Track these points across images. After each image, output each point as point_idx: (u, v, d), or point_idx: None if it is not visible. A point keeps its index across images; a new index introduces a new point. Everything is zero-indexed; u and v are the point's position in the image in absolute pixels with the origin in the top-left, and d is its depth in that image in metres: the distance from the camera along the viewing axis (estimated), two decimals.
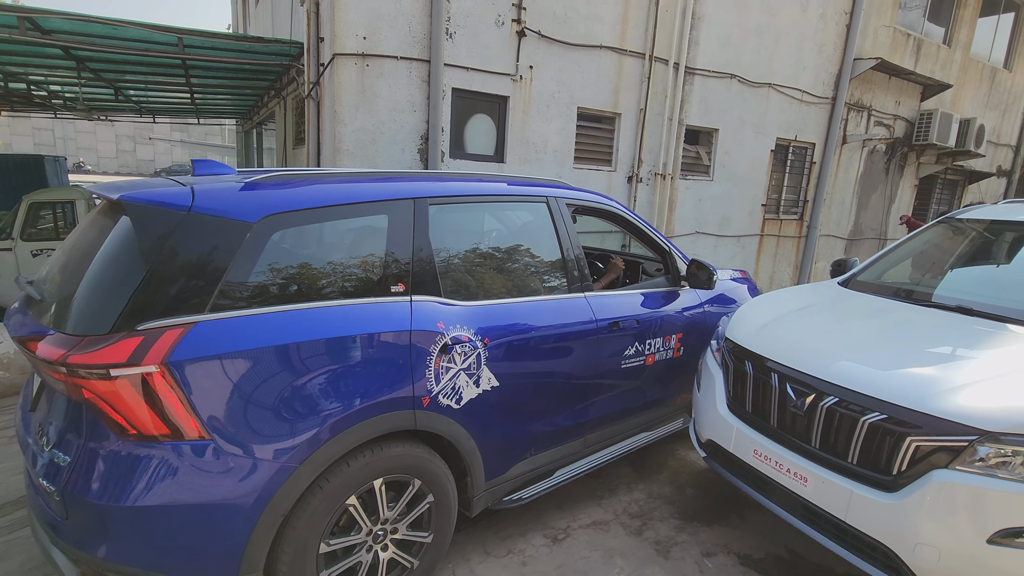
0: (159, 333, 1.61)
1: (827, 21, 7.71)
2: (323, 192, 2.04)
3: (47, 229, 7.28)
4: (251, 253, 1.79)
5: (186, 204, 1.75)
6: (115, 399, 1.57)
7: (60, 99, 10.60)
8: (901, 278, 3.24)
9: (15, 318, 1.96)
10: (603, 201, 3.07)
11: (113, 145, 40.55)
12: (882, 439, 1.98)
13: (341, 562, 2.00)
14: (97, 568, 1.65)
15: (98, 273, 1.72)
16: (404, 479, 2.11)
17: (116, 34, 5.32)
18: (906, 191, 9.93)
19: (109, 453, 1.61)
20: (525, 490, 2.58)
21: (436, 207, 2.29)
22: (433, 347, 2.11)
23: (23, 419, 2.02)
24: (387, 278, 2.10)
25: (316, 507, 1.86)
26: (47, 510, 1.73)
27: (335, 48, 4.69)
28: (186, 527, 1.65)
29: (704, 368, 2.89)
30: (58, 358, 1.56)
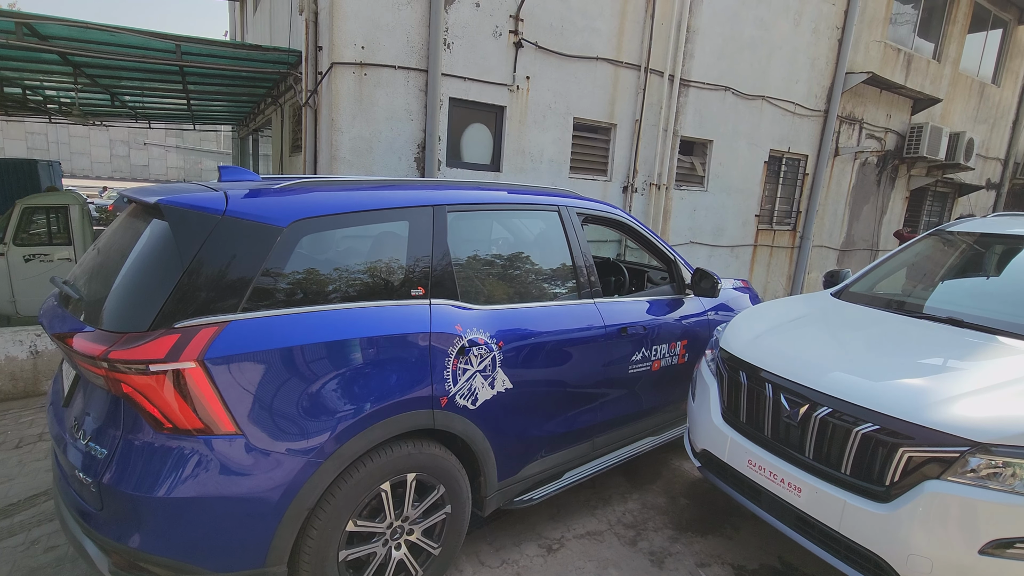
0: (195, 331, 1.68)
1: (819, 36, 7.82)
2: (348, 198, 2.13)
3: (40, 234, 7.24)
4: (281, 255, 1.87)
5: (221, 208, 1.83)
6: (153, 393, 1.64)
7: (55, 104, 10.57)
8: (893, 289, 3.28)
9: (52, 315, 2.00)
10: (611, 210, 3.16)
11: (107, 150, 40.38)
12: (875, 450, 1.99)
13: (359, 552, 2.03)
14: (129, 558, 1.69)
15: (137, 273, 1.81)
16: (421, 477, 2.16)
17: (114, 40, 5.32)
18: (897, 203, 10.04)
19: (145, 446, 1.67)
20: (536, 491, 2.63)
21: (454, 214, 2.38)
22: (451, 349, 2.19)
23: (55, 415, 2.05)
24: (407, 282, 2.18)
25: (338, 502, 1.91)
26: (80, 501, 1.77)
27: (333, 57, 4.72)
28: (216, 519, 1.70)
29: (699, 378, 2.90)
30: (99, 354, 1.62)
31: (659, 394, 3.22)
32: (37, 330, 4.36)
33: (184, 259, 1.73)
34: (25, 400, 4.22)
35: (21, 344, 4.27)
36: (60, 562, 2.44)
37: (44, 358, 4.34)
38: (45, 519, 2.75)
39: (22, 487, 3.04)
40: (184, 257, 1.73)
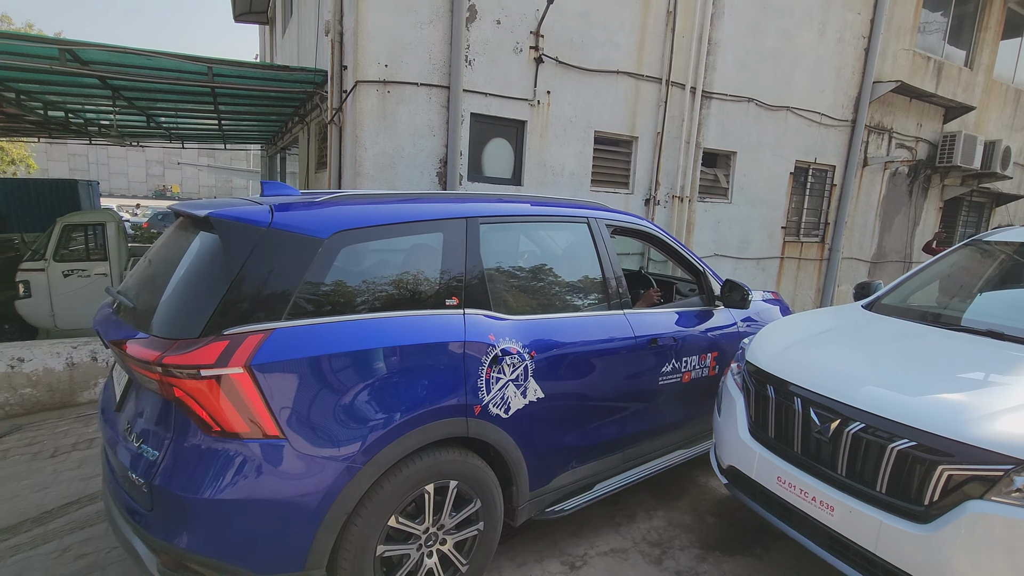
0: (242, 338, 1.74)
1: (845, 45, 7.72)
2: (386, 211, 2.20)
3: (78, 250, 7.52)
4: (322, 266, 1.94)
5: (266, 221, 1.91)
6: (203, 397, 1.70)
7: (95, 126, 11.03)
8: (928, 301, 3.17)
9: (107, 323, 2.09)
10: (640, 222, 3.18)
11: (143, 170, 41.95)
12: (912, 467, 1.90)
13: (395, 551, 2.06)
14: (176, 557, 1.75)
15: (188, 282, 1.90)
16: (455, 486, 2.18)
17: (150, 64, 5.55)
18: (931, 213, 9.76)
19: (194, 448, 1.73)
20: (567, 502, 2.63)
21: (487, 226, 2.42)
22: (484, 358, 2.22)
23: (107, 419, 2.14)
24: (442, 292, 2.23)
25: (375, 507, 1.95)
26: (131, 502, 1.84)
27: (358, 75, 4.83)
28: (259, 521, 1.75)
29: (724, 391, 2.83)
30: (154, 359, 1.69)
31: (689, 406, 3.18)
32: (74, 343, 4.51)
33: (232, 269, 1.80)
34: (61, 411, 4.35)
35: (58, 356, 4.41)
36: (90, 569, 2.49)
37: (80, 370, 4.48)
38: (77, 527, 2.81)
39: (56, 495, 3.12)
40: (232, 267, 1.81)
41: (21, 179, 15.33)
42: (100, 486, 3.21)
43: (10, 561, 2.55)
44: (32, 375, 4.32)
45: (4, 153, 17.45)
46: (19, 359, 4.27)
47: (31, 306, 7.24)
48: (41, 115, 8.82)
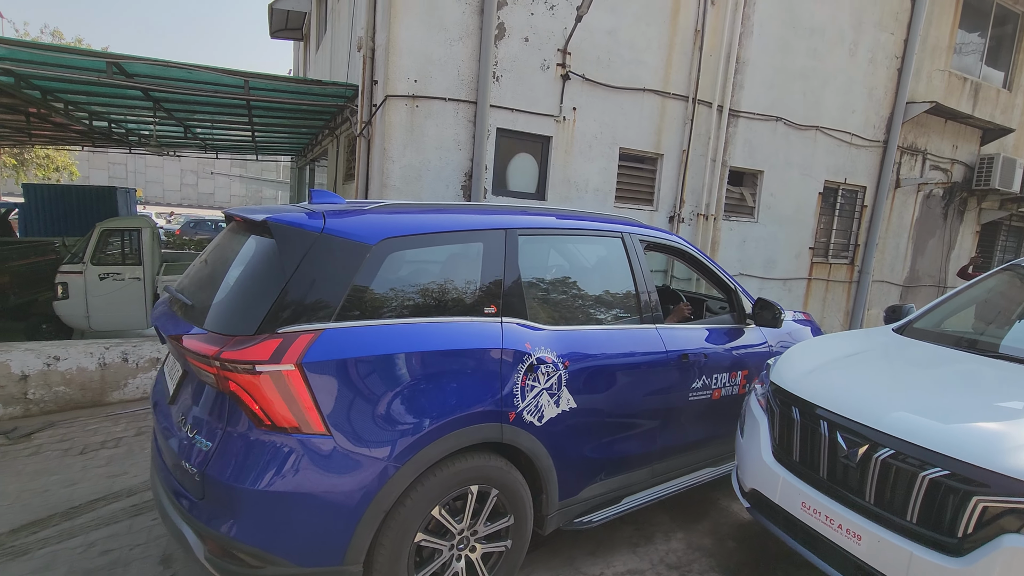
0: (294, 336, 1.82)
1: (877, 65, 7.61)
2: (430, 220, 2.29)
3: (115, 255, 7.79)
4: (370, 271, 2.02)
5: (319, 226, 1.99)
6: (256, 392, 1.77)
7: (136, 136, 11.48)
8: (963, 327, 3.07)
9: (165, 319, 2.20)
10: (673, 239, 3.21)
11: (178, 179, 43.34)
12: (944, 497, 1.84)
13: (429, 562, 2.12)
14: (223, 544, 1.81)
15: (245, 282, 2.02)
16: (491, 492, 2.22)
17: (190, 77, 5.77)
18: (967, 237, 9.48)
19: (245, 440, 1.80)
20: (595, 514, 2.63)
21: (524, 238, 2.48)
22: (520, 366, 2.26)
23: (160, 411, 2.24)
24: (481, 300, 2.29)
25: (413, 507, 1.99)
26: (182, 490, 1.93)
27: (388, 90, 4.94)
28: (302, 514, 1.81)
29: (748, 412, 2.78)
30: (212, 353, 1.78)
31: (718, 423, 3.16)
32: (107, 343, 4.65)
33: (286, 271, 1.89)
34: (91, 409, 4.48)
35: (91, 356, 4.55)
36: (113, 566, 2.54)
37: (111, 370, 4.61)
38: (103, 523, 2.87)
39: (84, 492, 3.20)
40: (286, 269, 1.89)
41: (64, 185, 16.00)
42: (126, 484, 3.29)
43: (38, 554, 2.61)
44: (66, 373, 4.46)
45: (50, 161, 18.24)
46: (55, 357, 4.42)
47: (68, 307, 7.50)
48: (86, 125, 9.22)
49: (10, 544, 2.69)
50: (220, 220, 22.14)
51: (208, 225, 21.12)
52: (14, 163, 17.11)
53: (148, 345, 4.78)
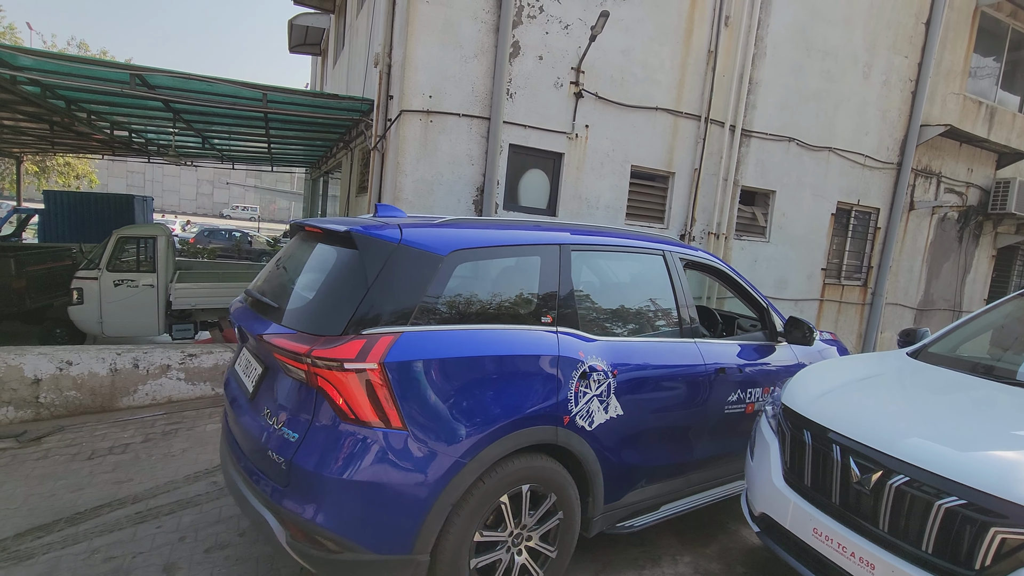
0: (377, 338, 1.96)
1: (891, 88, 7.61)
2: (494, 234, 2.46)
3: (130, 262, 7.89)
4: (442, 279, 2.17)
5: (397, 238, 2.15)
6: (343, 388, 1.91)
7: (155, 146, 11.71)
8: (979, 352, 3.01)
9: (247, 318, 2.36)
10: (710, 258, 3.35)
11: (194, 188, 44.05)
12: (961, 527, 1.79)
13: (487, 554, 2.22)
14: (305, 529, 1.92)
15: (331, 286, 2.18)
16: (540, 489, 2.32)
17: (210, 89, 5.89)
18: (983, 261, 9.36)
19: (331, 432, 1.93)
20: (635, 519, 2.75)
21: (576, 253, 2.63)
22: (574, 373, 2.38)
23: (239, 407, 2.36)
24: (539, 310, 2.44)
25: (475, 501, 2.10)
26: (266, 478, 2.06)
27: (403, 105, 5.01)
28: (378, 503, 1.93)
29: (758, 435, 2.73)
30: (304, 351, 1.92)
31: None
32: (119, 349, 4.69)
33: (368, 278, 2.05)
34: (100, 415, 4.51)
35: (103, 361, 4.60)
36: (116, 573, 2.53)
37: (121, 376, 4.65)
38: (107, 530, 2.87)
39: (90, 497, 3.20)
40: (368, 276, 2.05)
41: (84, 192, 16.31)
42: (131, 491, 3.29)
43: (41, 559, 2.61)
44: (77, 378, 4.51)
45: (71, 168, 18.63)
46: (68, 362, 4.47)
47: (82, 312, 7.59)
48: (108, 134, 9.43)
49: (14, 549, 2.69)
50: (234, 229, 22.41)
51: (222, 234, 21.36)
52: (36, 170, 17.48)
53: (159, 352, 4.82)
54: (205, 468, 3.61)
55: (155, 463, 3.67)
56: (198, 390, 4.94)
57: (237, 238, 21.08)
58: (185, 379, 4.88)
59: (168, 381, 4.82)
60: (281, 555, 2.04)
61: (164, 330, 8.15)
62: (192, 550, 2.73)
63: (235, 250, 19.93)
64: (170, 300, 8.07)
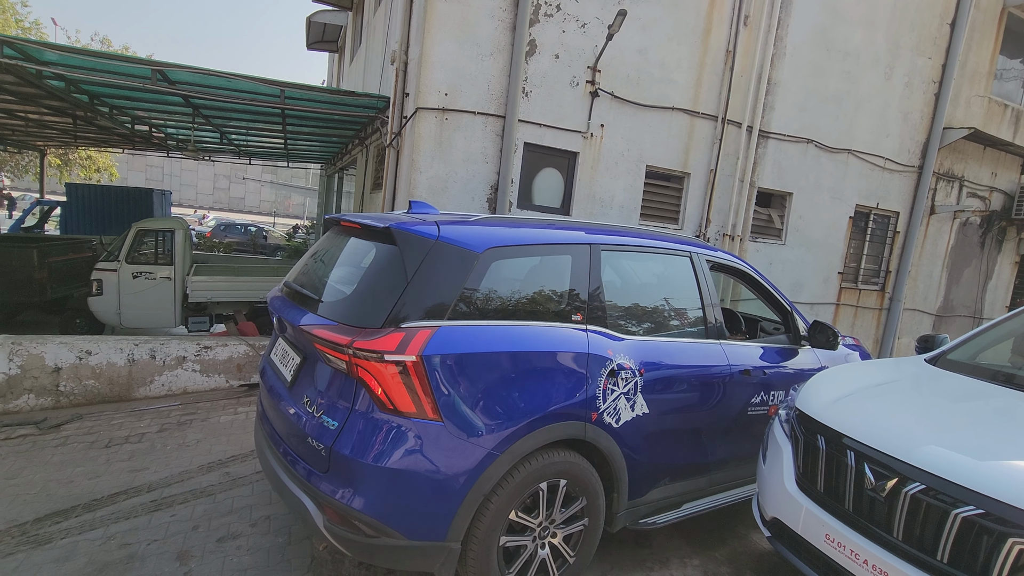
0: (415, 331, 2.02)
1: (913, 90, 7.48)
2: (527, 233, 2.52)
3: (148, 254, 8.02)
4: (477, 276, 2.22)
5: (435, 235, 2.20)
6: (383, 379, 1.97)
7: (174, 140, 11.87)
8: (1000, 360, 2.96)
9: (287, 309, 2.42)
10: (736, 261, 3.34)
11: (211, 183, 44.60)
12: (978, 537, 1.75)
13: (517, 556, 2.30)
14: (343, 514, 1.99)
15: (371, 280, 2.24)
16: (565, 483, 2.37)
17: (229, 85, 5.96)
18: (1005, 268, 9.17)
19: (370, 421, 2.00)
20: (658, 516, 2.78)
21: (607, 253, 2.67)
22: (603, 371, 2.43)
23: (278, 395, 2.42)
24: (569, 308, 2.48)
25: (507, 493, 2.16)
26: (305, 464, 2.13)
27: (419, 103, 5.03)
28: (414, 491, 1.99)
29: (771, 439, 2.71)
30: (346, 343, 1.98)
31: None
32: (136, 340, 4.77)
33: (408, 273, 2.10)
34: (117, 404, 4.59)
35: (121, 352, 4.68)
36: (131, 559, 2.58)
37: (139, 366, 4.72)
38: (123, 517, 2.93)
39: (107, 484, 3.26)
40: (408, 271, 2.11)
41: (104, 186, 16.60)
42: (147, 479, 3.35)
43: (59, 543, 2.67)
44: (96, 368, 4.59)
45: (92, 161, 18.96)
46: (87, 352, 4.56)
47: (101, 303, 7.73)
48: (128, 129, 9.58)
49: (34, 532, 2.76)
50: (250, 224, 22.66)
51: (238, 228, 21.61)
52: (59, 163, 17.82)
53: (175, 343, 4.89)
54: (219, 459, 3.67)
55: (170, 453, 3.73)
56: (212, 382, 5.01)
57: (253, 232, 21.32)
58: (200, 371, 4.95)
59: (184, 372, 4.89)
60: (318, 537, 2.11)
61: (180, 322, 8.27)
62: (205, 539, 2.77)
63: (251, 244, 20.17)
64: (187, 293, 8.19)
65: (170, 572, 2.51)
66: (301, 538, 2.82)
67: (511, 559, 2.30)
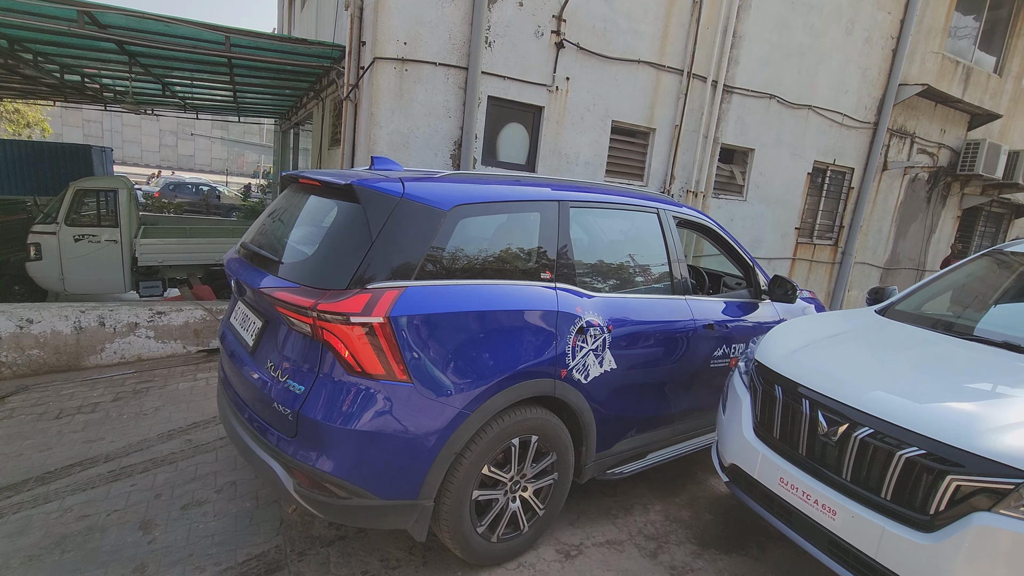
0: (382, 292, 1.98)
1: (872, 45, 7.55)
2: (495, 190, 2.44)
3: (90, 216, 7.55)
4: (444, 234, 2.17)
5: (399, 192, 2.13)
6: (350, 341, 1.93)
7: (111, 92, 11.02)
8: (942, 310, 3.11)
9: (246, 272, 2.34)
10: (702, 217, 3.38)
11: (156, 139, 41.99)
12: (919, 476, 1.88)
13: (489, 509, 2.36)
14: (313, 477, 1.98)
15: (334, 240, 2.14)
16: (536, 439, 2.42)
17: (168, 31, 5.51)
18: (948, 222, 9.62)
19: (337, 385, 1.97)
20: (625, 466, 2.88)
21: (575, 209, 2.66)
22: (572, 328, 2.45)
23: (239, 360, 2.36)
24: (538, 266, 2.47)
25: (478, 450, 2.19)
26: (271, 429, 2.10)
27: (376, 52, 4.77)
28: (385, 452, 1.99)
29: (731, 389, 2.80)
30: (309, 305, 1.92)
31: None
32: (83, 307, 4.53)
33: (372, 232, 2.03)
34: (67, 374, 4.39)
35: (67, 319, 4.44)
36: (90, 530, 2.52)
37: (87, 334, 4.51)
38: (79, 488, 2.84)
39: (60, 456, 3.15)
40: (372, 230, 2.04)
41: (36, 142, 15.40)
42: (103, 449, 3.24)
43: (12, 518, 2.58)
44: (40, 337, 4.35)
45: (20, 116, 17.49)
46: (28, 320, 4.30)
47: (41, 268, 7.29)
48: (57, 78, 8.81)
49: None
50: (201, 183, 21.58)
51: (188, 188, 20.56)
52: None
53: (126, 309, 4.67)
54: (179, 426, 3.58)
55: (126, 422, 3.61)
56: (169, 348, 4.84)
57: (205, 192, 20.34)
58: (155, 337, 4.77)
59: (137, 339, 4.70)
60: (287, 501, 2.11)
61: (131, 287, 7.91)
62: (168, 507, 2.72)
63: (203, 205, 19.26)
64: (135, 256, 7.79)
65: (133, 542, 2.47)
66: (269, 502, 2.80)
67: (483, 512, 2.35)
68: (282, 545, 2.51)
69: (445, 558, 2.50)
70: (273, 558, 2.42)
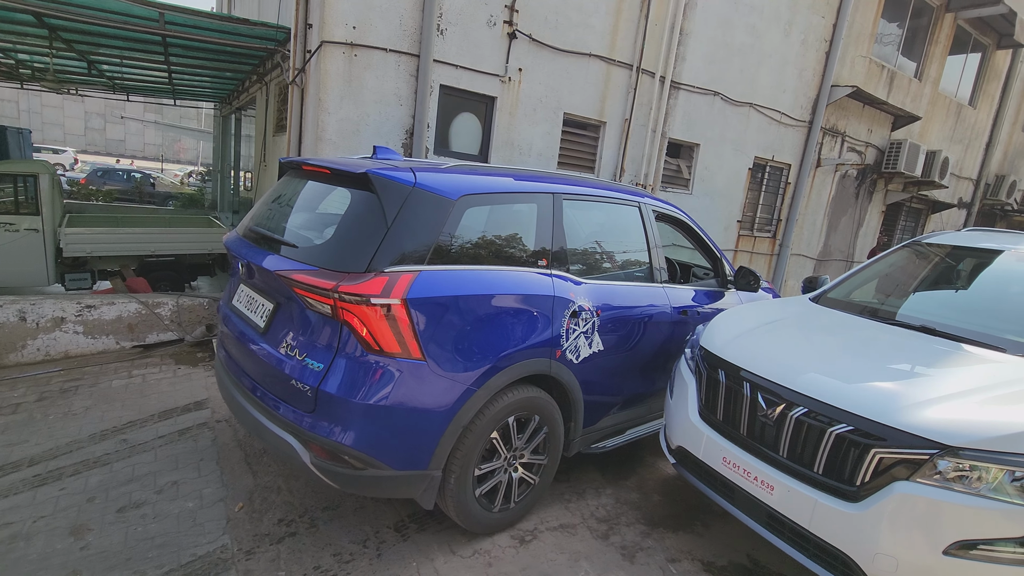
0: (398, 276, 2.12)
1: (808, 47, 7.94)
2: (497, 182, 2.63)
3: (7, 203, 6.97)
4: (453, 222, 2.32)
5: (411, 181, 2.26)
6: (369, 321, 2.06)
7: (28, 69, 10.16)
8: (868, 297, 3.34)
9: (256, 254, 2.41)
10: (678, 212, 3.66)
11: (81, 122, 39.07)
12: (847, 450, 2.02)
13: (490, 478, 2.55)
14: (331, 450, 2.11)
15: (351, 225, 2.25)
16: (533, 416, 2.63)
17: (93, 4, 5.13)
18: (874, 216, 10.28)
19: (357, 362, 2.10)
20: (607, 441, 3.14)
21: (567, 202, 2.85)
22: (566, 312, 2.66)
23: (249, 341, 2.45)
24: (536, 254, 2.66)
25: (482, 424, 2.37)
26: (286, 405, 2.22)
27: (323, 36, 4.62)
28: (399, 425, 2.14)
29: (678, 375, 2.92)
30: (331, 287, 2.04)
31: None
32: (0, 300, 4.20)
33: (388, 219, 2.16)
34: None
35: None
36: (14, 538, 2.35)
37: (6, 330, 4.18)
38: (1, 495, 2.64)
39: None
40: (388, 217, 2.16)
41: None
42: (27, 453, 3.03)
43: None
44: None
45: None
46: None
47: None
48: None
49: None
50: (134, 170, 20.28)
51: (119, 175, 19.27)
52: None
53: (50, 303, 4.36)
54: (113, 426, 3.38)
55: (53, 423, 3.38)
56: (100, 344, 4.55)
57: (137, 179, 19.13)
58: (84, 332, 4.47)
59: (63, 335, 4.40)
60: (305, 474, 2.34)
61: (55, 280, 7.37)
62: (103, 510, 2.58)
63: (136, 193, 18.12)
64: (60, 247, 7.26)
65: (64, 549, 2.32)
66: (214, 501, 2.70)
67: (482, 482, 2.52)
68: (228, 544, 2.43)
69: (400, 549, 2.49)
70: (219, 558, 2.35)
